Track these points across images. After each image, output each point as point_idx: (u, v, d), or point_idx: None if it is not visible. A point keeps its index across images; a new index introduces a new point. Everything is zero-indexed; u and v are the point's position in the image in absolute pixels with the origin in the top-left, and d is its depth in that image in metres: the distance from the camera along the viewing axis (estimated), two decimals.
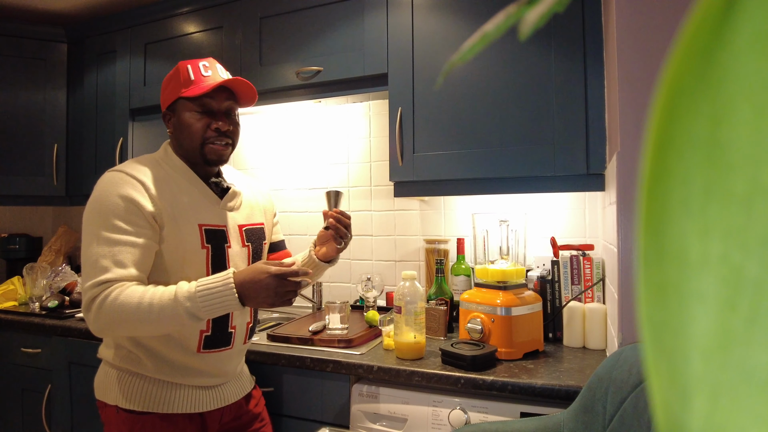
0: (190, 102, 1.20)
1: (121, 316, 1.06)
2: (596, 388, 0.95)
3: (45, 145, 2.38)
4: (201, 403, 1.22)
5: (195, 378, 1.22)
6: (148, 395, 1.18)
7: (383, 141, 2.06)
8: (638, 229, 0.15)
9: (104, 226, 1.11)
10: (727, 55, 0.13)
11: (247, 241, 1.30)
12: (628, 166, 1.10)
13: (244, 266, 1.28)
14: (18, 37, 2.35)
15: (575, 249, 1.63)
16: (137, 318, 1.05)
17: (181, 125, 1.21)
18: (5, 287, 2.23)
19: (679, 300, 0.13)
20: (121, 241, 1.10)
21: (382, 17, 1.70)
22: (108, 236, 1.10)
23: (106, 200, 1.12)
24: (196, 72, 1.21)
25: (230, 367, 1.28)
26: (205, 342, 1.20)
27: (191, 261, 1.18)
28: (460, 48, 0.22)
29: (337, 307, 1.61)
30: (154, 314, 1.06)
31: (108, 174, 1.17)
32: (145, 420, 1.17)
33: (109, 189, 1.13)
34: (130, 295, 1.06)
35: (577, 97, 1.44)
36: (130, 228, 1.11)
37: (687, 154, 0.13)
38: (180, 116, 1.22)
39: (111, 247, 1.10)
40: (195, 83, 1.20)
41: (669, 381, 0.14)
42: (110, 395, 1.20)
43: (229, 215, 1.27)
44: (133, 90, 2.19)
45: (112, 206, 1.12)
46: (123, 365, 1.20)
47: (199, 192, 1.24)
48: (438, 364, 1.34)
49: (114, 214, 1.11)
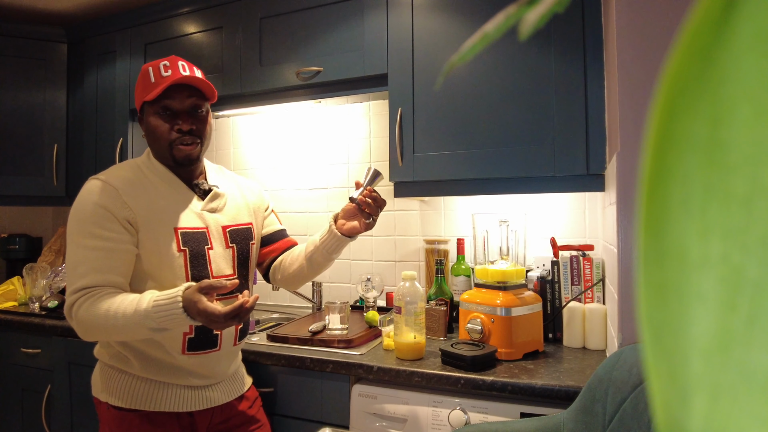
0: (153, 105, 1.19)
1: (94, 323, 1.09)
2: (596, 389, 0.95)
3: (45, 145, 2.38)
4: (188, 403, 1.22)
5: (182, 378, 1.22)
6: (134, 393, 1.19)
7: (383, 141, 2.06)
8: (638, 229, 0.15)
9: (82, 233, 1.14)
10: (727, 55, 0.13)
11: (231, 243, 1.27)
12: (628, 167, 1.10)
13: (228, 268, 1.26)
14: (18, 37, 2.35)
15: (575, 249, 1.63)
16: (107, 326, 1.08)
17: (149, 129, 1.22)
18: (5, 287, 2.23)
19: (679, 300, 0.13)
20: (97, 247, 1.13)
21: (382, 17, 1.70)
22: (86, 242, 1.13)
23: (83, 208, 1.16)
24: (156, 73, 1.18)
25: (220, 369, 1.26)
26: (189, 344, 1.20)
27: (169, 265, 1.18)
28: (460, 48, 0.22)
29: (337, 308, 1.61)
30: (119, 324, 1.07)
31: (87, 182, 1.20)
32: (132, 417, 1.18)
33: (86, 197, 1.17)
34: (98, 306, 1.09)
35: (577, 97, 1.44)
36: (106, 234, 1.13)
37: (687, 154, 0.13)
38: (147, 121, 1.22)
39: (88, 252, 1.13)
40: (155, 85, 1.17)
41: (669, 381, 0.14)
42: (102, 393, 1.23)
43: (211, 217, 1.26)
44: (133, 90, 2.19)
45: (88, 214, 1.15)
46: (112, 363, 1.22)
47: (179, 195, 1.24)
48: (438, 365, 1.34)
49: (90, 222, 1.14)
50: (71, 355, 1.87)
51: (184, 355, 1.20)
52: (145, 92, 1.19)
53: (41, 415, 1.94)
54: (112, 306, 1.08)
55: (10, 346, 2.03)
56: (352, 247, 2.12)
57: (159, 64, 1.20)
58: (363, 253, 2.11)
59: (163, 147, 1.21)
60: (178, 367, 1.21)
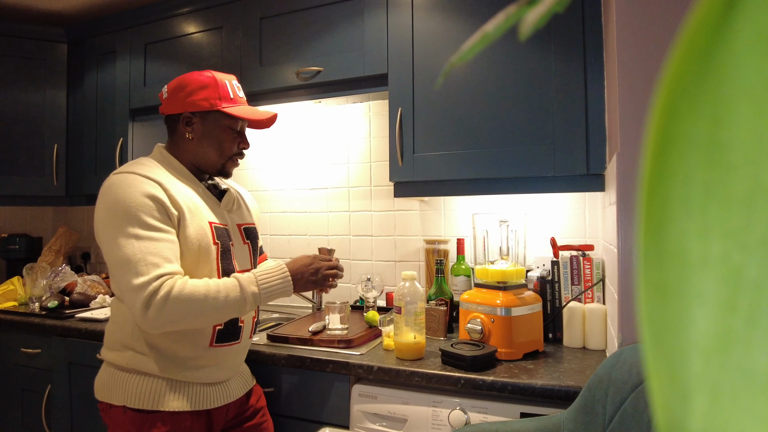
0: (229, 119, 1.27)
1: (190, 306, 1.10)
2: (596, 389, 0.95)
3: (45, 145, 2.38)
4: (208, 401, 1.24)
5: (203, 374, 1.23)
6: (156, 394, 1.18)
7: (383, 141, 2.06)
8: (638, 229, 0.15)
9: (137, 224, 1.11)
10: (727, 55, 0.13)
11: (246, 239, 1.36)
12: (628, 167, 1.10)
13: (247, 263, 1.34)
14: (18, 37, 2.35)
15: (575, 249, 1.63)
16: (205, 307, 1.11)
17: (212, 136, 1.27)
18: (5, 287, 2.23)
19: (679, 300, 0.13)
20: (159, 238, 1.13)
21: (382, 17, 1.70)
22: (145, 234, 1.11)
23: (131, 200, 1.13)
24: (234, 90, 1.29)
25: (236, 363, 1.31)
26: (218, 336, 1.24)
27: (206, 258, 1.22)
28: (460, 48, 0.22)
29: (337, 308, 1.61)
30: (220, 302, 1.12)
31: (118, 176, 1.17)
32: (153, 419, 1.18)
33: (130, 189, 1.14)
34: (196, 285, 1.11)
35: (577, 97, 1.44)
36: (162, 225, 1.14)
37: (687, 154, 0.13)
38: (212, 127, 1.27)
39: (152, 243, 1.11)
40: (234, 102, 1.27)
41: (669, 381, 0.14)
42: (116, 396, 1.19)
43: (228, 215, 1.33)
44: (133, 90, 2.19)
45: (140, 205, 1.12)
46: (130, 366, 1.20)
47: (203, 193, 1.29)
48: (438, 365, 1.34)
49: (145, 212, 1.12)
50: (71, 355, 1.87)
51: (211, 348, 1.23)
52: (225, 102, 1.26)
53: (41, 415, 1.94)
54: (210, 285, 1.13)
55: (10, 346, 2.03)
56: (353, 247, 2.12)
57: (232, 81, 1.30)
58: (363, 253, 2.11)
59: (219, 157, 1.29)
60: (201, 363, 1.23)
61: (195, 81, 1.26)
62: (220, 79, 1.27)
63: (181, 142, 1.29)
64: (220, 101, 1.25)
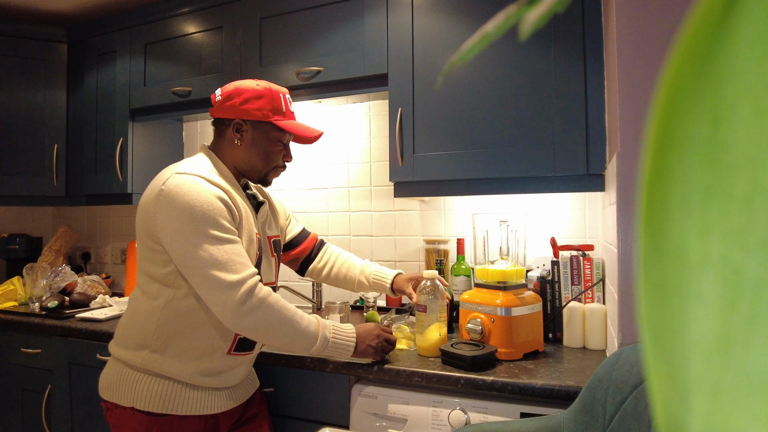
0: (279, 132, 1.30)
1: (278, 319, 1.14)
2: (596, 389, 0.95)
3: (45, 145, 2.38)
4: (217, 405, 1.24)
5: (216, 380, 1.23)
6: (168, 397, 1.18)
7: (383, 141, 2.06)
8: (638, 229, 0.15)
9: (216, 227, 1.13)
10: (727, 55, 0.13)
11: (274, 252, 1.39)
12: (628, 167, 1.10)
13: (271, 276, 1.37)
14: (18, 37, 2.35)
15: (575, 249, 1.63)
16: (288, 326, 1.15)
17: (260, 145, 1.29)
18: (5, 287, 2.23)
19: (679, 300, 0.13)
20: (236, 240, 1.16)
21: (382, 17, 1.70)
22: (225, 236, 1.14)
23: (207, 203, 1.13)
24: (286, 104, 1.32)
25: (247, 370, 1.33)
26: (238, 344, 1.25)
27: None
28: (460, 48, 0.22)
29: (337, 307, 1.61)
30: (300, 328, 1.16)
31: (184, 178, 1.16)
32: (163, 422, 1.17)
33: (201, 192, 1.14)
34: (286, 302, 1.17)
35: (577, 97, 1.44)
36: (234, 229, 1.17)
37: (687, 154, 0.13)
38: (261, 137, 1.29)
39: (232, 246, 1.14)
40: (286, 116, 1.31)
41: (669, 381, 0.14)
42: (126, 396, 1.18)
43: (261, 227, 1.35)
44: (133, 90, 2.19)
45: (216, 209, 1.14)
46: (144, 366, 1.18)
47: (245, 201, 1.29)
48: (438, 365, 1.34)
49: (221, 216, 1.14)
50: (71, 355, 1.87)
51: (228, 356, 1.24)
52: (278, 116, 1.29)
53: (41, 415, 1.94)
54: (297, 313, 1.18)
55: (10, 346, 2.03)
56: (353, 247, 2.12)
57: (286, 96, 1.33)
58: (363, 253, 2.10)
59: (264, 166, 1.32)
60: (216, 369, 1.23)
61: (251, 90, 1.27)
62: (275, 91, 1.29)
63: (228, 147, 1.30)
64: (272, 113, 1.28)
